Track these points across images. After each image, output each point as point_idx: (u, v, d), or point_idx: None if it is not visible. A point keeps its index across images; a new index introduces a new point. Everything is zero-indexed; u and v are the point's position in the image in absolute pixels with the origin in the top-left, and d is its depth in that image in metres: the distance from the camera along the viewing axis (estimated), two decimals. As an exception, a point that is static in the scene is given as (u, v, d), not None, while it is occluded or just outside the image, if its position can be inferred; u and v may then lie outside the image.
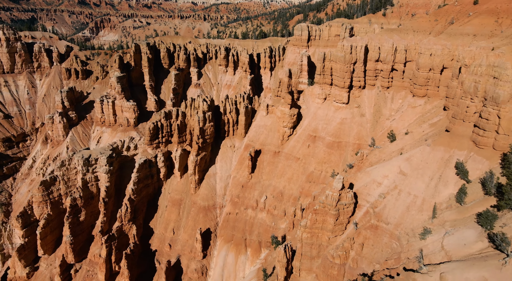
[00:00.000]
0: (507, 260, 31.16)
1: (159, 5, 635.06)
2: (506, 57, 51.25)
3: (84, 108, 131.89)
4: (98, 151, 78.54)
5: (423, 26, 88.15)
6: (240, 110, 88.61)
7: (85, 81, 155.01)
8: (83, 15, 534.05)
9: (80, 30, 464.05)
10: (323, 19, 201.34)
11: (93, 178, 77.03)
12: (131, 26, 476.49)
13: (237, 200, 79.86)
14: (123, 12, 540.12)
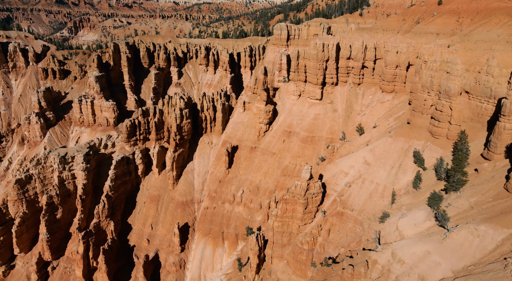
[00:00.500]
0: (447, 234, 34.70)
1: (140, 5, 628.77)
2: (459, 53, 55.51)
3: (62, 108, 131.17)
4: (74, 149, 79.32)
5: (392, 25, 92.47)
6: (217, 107, 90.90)
7: (62, 81, 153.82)
8: (61, 15, 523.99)
9: (58, 30, 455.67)
10: (302, 19, 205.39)
11: (70, 176, 77.75)
12: (111, 25, 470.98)
13: (214, 194, 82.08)
14: (103, 12, 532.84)
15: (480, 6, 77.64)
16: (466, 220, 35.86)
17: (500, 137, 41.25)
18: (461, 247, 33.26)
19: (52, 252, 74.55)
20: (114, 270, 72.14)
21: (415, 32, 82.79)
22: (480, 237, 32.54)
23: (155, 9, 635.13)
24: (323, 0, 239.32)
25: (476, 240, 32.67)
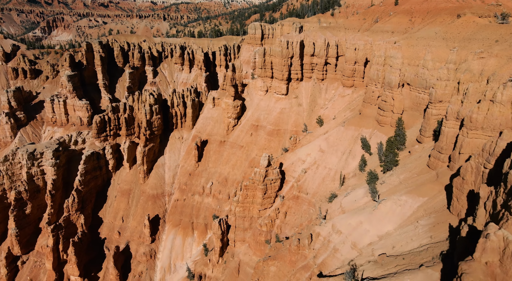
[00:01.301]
0: (376, 206, 39.67)
1: (116, 4, 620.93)
2: (402, 49, 61.33)
3: (33, 108, 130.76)
4: (43, 145, 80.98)
5: (353, 24, 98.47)
6: (187, 103, 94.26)
7: (34, 81, 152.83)
8: (33, 14, 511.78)
9: (31, 30, 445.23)
10: (277, 19, 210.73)
11: (39, 171, 79.36)
12: (86, 25, 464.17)
13: (184, 187, 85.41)
14: (77, 11, 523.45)
15: (430, 6, 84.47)
16: (394, 193, 41.00)
17: (428, 122, 46.81)
18: (386, 215, 38.26)
19: (21, 246, 76.01)
20: (85, 262, 74.32)
21: (373, 30, 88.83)
22: (401, 206, 37.63)
23: (132, 8, 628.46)
24: (297, 1, 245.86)
25: (398, 209, 37.74)
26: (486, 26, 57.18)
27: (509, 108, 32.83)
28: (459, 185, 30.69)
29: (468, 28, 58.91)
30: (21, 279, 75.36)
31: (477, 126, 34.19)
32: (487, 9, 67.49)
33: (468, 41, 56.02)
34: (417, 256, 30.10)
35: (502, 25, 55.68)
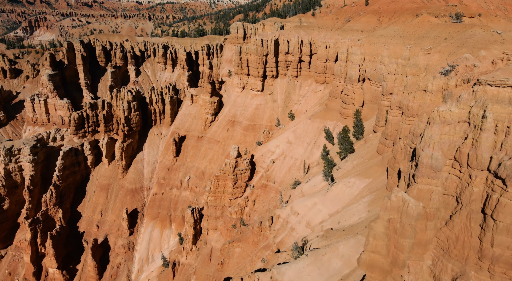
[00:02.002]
0: (329, 188, 43.45)
1: (101, 4, 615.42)
2: (364, 47, 65.52)
3: (13, 108, 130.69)
4: (21, 142, 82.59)
5: (326, 24, 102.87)
6: (166, 100, 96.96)
7: (14, 81, 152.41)
8: (15, 14, 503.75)
9: (12, 30, 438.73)
10: (260, 19, 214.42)
11: (17, 168, 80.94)
12: (70, 25, 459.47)
13: (163, 181, 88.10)
14: (60, 11, 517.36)
15: (397, 7, 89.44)
16: (346, 177, 44.86)
17: (381, 113, 50.93)
18: (337, 196, 42.05)
19: (0, 241, 77.44)
20: (63, 255, 76.29)
21: (344, 29, 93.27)
22: (350, 187, 41.48)
23: (117, 8, 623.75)
24: (281, 1, 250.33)
25: (348, 190, 41.57)
26: (438, 25, 61.81)
27: (439, 97, 36.95)
28: (392, 164, 34.61)
29: (423, 27, 63.48)
30: (0, 272, 76.87)
31: (413, 113, 38.24)
32: (444, 9, 72.49)
33: (421, 38, 60.54)
34: (355, 227, 33.91)
35: (453, 24, 60.38)
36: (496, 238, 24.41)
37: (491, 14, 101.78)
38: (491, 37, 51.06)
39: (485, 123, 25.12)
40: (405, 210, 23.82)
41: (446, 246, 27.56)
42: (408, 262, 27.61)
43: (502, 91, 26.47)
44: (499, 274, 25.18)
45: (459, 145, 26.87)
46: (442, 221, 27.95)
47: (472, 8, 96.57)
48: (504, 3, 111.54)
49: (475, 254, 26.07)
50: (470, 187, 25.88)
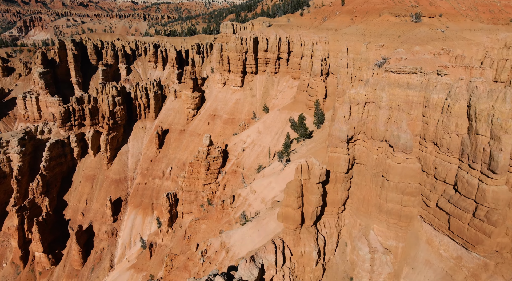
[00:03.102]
0: (282, 169, 48.98)
1: (96, 4, 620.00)
2: (329, 44, 71.22)
3: (5, 105, 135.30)
4: (9, 134, 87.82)
5: (305, 23, 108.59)
6: (150, 95, 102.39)
7: (6, 78, 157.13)
8: (9, 13, 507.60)
9: (7, 29, 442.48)
10: (251, 18, 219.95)
11: (5, 159, 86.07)
12: (64, 25, 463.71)
13: (146, 172, 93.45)
14: (56, 11, 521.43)
15: (369, 7, 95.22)
16: (299, 159, 50.38)
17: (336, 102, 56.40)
18: (288, 175, 47.53)
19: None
20: (49, 241, 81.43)
21: (320, 28, 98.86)
22: (298, 166, 46.93)
23: (113, 8, 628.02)
24: (272, 1, 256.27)
25: (296, 168, 47.02)
26: (395, 24, 67.58)
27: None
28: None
29: (382, 26, 69.22)
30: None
31: (352, 101, 43.80)
32: (406, 9, 78.30)
33: (379, 36, 66.25)
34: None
35: (407, 23, 66.19)
36: (389, 195, 30.12)
37: (462, 14, 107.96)
38: (434, 35, 56.78)
39: (382, 102, 30.70)
40: (312, 171, 29.35)
41: (357, 205, 33.24)
42: (324, 219, 33.21)
43: (402, 77, 32.13)
44: (393, 224, 30.93)
45: (366, 121, 32.44)
46: (355, 185, 33.58)
47: (441, 9, 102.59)
48: (476, 4, 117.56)
49: (376, 210, 31.79)
50: (372, 155, 31.55)
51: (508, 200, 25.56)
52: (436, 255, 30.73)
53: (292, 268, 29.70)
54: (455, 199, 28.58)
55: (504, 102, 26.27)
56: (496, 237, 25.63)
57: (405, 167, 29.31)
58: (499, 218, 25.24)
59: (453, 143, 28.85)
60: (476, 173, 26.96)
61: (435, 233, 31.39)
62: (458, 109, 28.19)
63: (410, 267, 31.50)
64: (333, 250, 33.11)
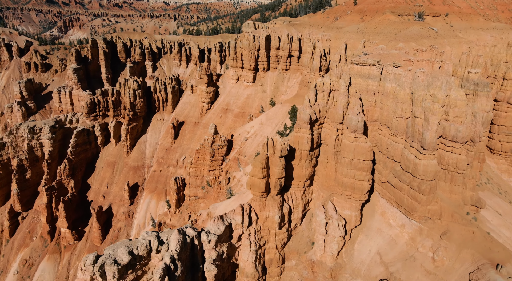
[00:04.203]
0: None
1: (130, 5, 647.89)
2: (331, 41, 75.51)
3: (43, 99, 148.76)
4: (42, 122, 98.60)
5: (317, 22, 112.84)
6: (168, 89, 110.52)
7: (44, 74, 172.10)
8: (51, 14, 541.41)
9: (48, 29, 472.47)
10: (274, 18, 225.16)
11: (38, 144, 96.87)
12: (100, 25, 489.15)
13: (161, 160, 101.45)
14: (93, 11, 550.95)
15: (380, 6, 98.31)
16: (288, 145, 55.40)
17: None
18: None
19: (22, 205, 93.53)
20: (73, 219, 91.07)
21: (329, 26, 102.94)
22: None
23: (146, 9, 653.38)
24: (296, 1, 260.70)
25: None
26: (394, 22, 70.91)
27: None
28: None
29: (382, 25, 72.71)
30: (21, 231, 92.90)
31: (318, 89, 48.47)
32: (410, 9, 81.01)
33: (378, 34, 69.89)
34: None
35: (404, 22, 69.48)
36: (344, 170, 34.99)
37: (479, 13, 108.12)
38: (425, 33, 59.99)
39: (341, 89, 35.60)
40: (276, 147, 34.63)
41: (322, 181, 38.25)
42: (292, 191, 38.41)
43: (364, 68, 36.86)
44: (347, 196, 35.74)
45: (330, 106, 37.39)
46: (321, 163, 38.56)
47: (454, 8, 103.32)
48: (495, 3, 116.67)
49: (335, 184, 36.69)
50: (333, 136, 36.47)
51: (435, 173, 29.74)
52: (386, 224, 35.13)
53: (258, 230, 35.15)
54: (398, 174, 32.94)
55: (440, 90, 30.43)
56: (425, 204, 29.88)
57: (357, 146, 33.90)
58: (427, 187, 29.50)
59: (400, 125, 33.21)
60: (413, 150, 31.26)
61: (388, 206, 35.77)
62: (403, 95, 32.54)
63: (365, 234, 36.07)
64: (299, 218, 38.20)
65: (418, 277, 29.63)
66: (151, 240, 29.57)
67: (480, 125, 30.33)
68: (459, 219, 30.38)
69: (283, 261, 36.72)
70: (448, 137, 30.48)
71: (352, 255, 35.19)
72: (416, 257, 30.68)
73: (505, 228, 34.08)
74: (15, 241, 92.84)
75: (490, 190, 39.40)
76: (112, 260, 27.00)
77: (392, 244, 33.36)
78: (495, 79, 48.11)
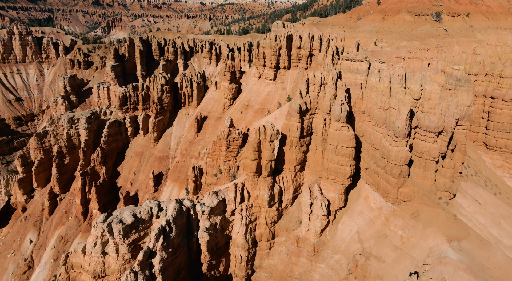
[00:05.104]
0: (276, 143, 58.25)
1: (169, 6, 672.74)
2: (346, 40, 78.05)
3: (84, 93, 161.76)
4: (80, 114, 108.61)
5: (340, 21, 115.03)
6: (194, 85, 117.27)
7: (86, 71, 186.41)
8: (96, 15, 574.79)
9: (93, 29, 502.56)
10: (305, 17, 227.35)
11: (76, 133, 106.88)
12: (139, 25, 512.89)
13: (185, 152, 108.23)
14: (134, 12, 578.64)
15: (402, 6, 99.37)
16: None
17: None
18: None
19: (60, 187, 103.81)
20: (104, 202, 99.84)
21: (350, 26, 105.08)
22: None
23: (183, 9, 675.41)
24: (328, 1, 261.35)
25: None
26: (408, 22, 72.33)
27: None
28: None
29: (396, 24, 74.32)
30: (59, 210, 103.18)
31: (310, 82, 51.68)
32: (429, 8, 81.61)
33: (391, 33, 71.69)
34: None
35: (416, 22, 70.83)
36: (329, 156, 38.64)
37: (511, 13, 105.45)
38: (435, 32, 61.41)
39: (329, 82, 39.21)
40: (267, 132, 38.78)
41: (312, 166, 42.05)
42: (283, 174, 42.43)
43: (353, 64, 40.30)
44: (332, 180, 39.27)
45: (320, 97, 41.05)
46: (312, 150, 42.30)
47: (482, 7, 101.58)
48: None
49: (322, 169, 40.35)
50: (321, 124, 40.14)
51: (406, 158, 32.62)
52: (368, 207, 38.25)
53: (250, 206, 39.52)
54: (377, 160, 35.99)
55: (416, 83, 33.23)
56: (396, 187, 32.86)
57: (341, 134, 37.28)
58: (397, 171, 32.49)
59: (380, 116, 36.25)
60: (389, 138, 34.26)
61: (370, 191, 38.83)
62: (383, 88, 35.57)
63: (348, 216, 39.38)
64: (290, 199, 42.12)
65: (387, 252, 32.60)
66: (152, 207, 34.85)
67: (452, 117, 32.65)
68: (428, 201, 32.92)
69: (273, 237, 40.79)
70: (423, 127, 33.18)
71: (335, 234, 38.60)
72: (388, 234, 33.64)
73: (481, 215, 35.83)
74: (53, 219, 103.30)
75: (476, 182, 40.88)
76: (118, 220, 32.50)
77: (370, 224, 36.44)
78: (492, 77, 48.81)
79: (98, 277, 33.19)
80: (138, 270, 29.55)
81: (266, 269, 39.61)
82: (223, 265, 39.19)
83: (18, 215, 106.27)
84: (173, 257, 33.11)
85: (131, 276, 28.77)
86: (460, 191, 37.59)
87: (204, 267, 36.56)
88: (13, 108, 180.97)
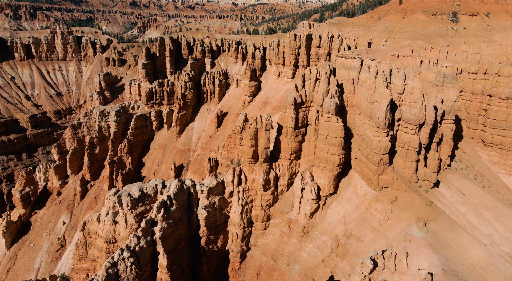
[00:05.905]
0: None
1: (202, 6, 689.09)
2: (359, 39, 79.95)
3: (117, 90, 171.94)
4: (110, 107, 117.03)
5: (360, 21, 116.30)
6: (216, 83, 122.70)
7: (120, 68, 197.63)
8: (133, 16, 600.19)
9: (130, 29, 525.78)
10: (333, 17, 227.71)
11: (106, 125, 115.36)
12: (173, 25, 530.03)
13: (205, 146, 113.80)
14: (168, 13, 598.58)
15: (422, 5, 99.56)
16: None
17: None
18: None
19: (91, 175, 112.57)
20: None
21: (369, 25, 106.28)
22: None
23: (215, 10, 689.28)
24: (358, 0, 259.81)
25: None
26: (421, 22, 73.23)
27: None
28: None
29: (410, 24, 75.38)
30: (89, 196, 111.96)
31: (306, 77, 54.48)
32: (445, 8, 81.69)
33: (403, 32, 72.98)
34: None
35: (428, 22, 71.71)
36: (320, 145, 41.93)
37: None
38: (443, 32, 62.41)
39: (322, 77, 42.46)
40: (262, 122, 42.47)
41: (306, 155, 45.45)
42: (279, 162, 46.04)
43: (347, 61, 43.34)
44: (322, 167, 42.49)
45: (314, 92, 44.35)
46: (307, 141, 45.64)
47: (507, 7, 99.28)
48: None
49: (314, 157, 43.61)
50: (314, 116, 43.44)
51: (386, 147, 35.26)
52: (355, 194, 41.07)
53: (246, 189, 43.46)
54: (362, 149, 38.77)
55: (399, 79, 35.80)
56: (376, 173, 35.60)
57: (331, 124, 40.31)
58: (377, 158, 35.25)
59: (367, 109, 38.99)
60: (372, 129, 36.99)
61: (359, 179, 41.61)
62: (369, 83, 38.32)
63: (337, 202, 42.37)
64: (285, 185, 45.63)
65: (365, 232, 35.37)
66: (157, 184, 39.67)
67: (432, 111, 34.80)
68: (405, 188, 35.28)
69: (269, 219, 44.51)
70: (405, 119, 35.65)
71: (324, 218, 41.71)
72: (368, 217, 36.38)
73: (462, 205, 37.41)
74: (84, 204, 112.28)
75: (464, 175, 42.21)
76: (127, 193, 37.54)
77: (355, 209, 39.28)
78: (490, 75, 49.23)
79: (110, 243, 38.43)
80: (140, 235, 34.30)
81: (260, 247, 43.37)
82: (221, 241, 43.34)
83: (54, 198, 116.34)
84: (174, 228, 37.66)
85: (134, 240, 33.58)
86: (444, 182, 39.28)
87: (202, 240, 40.92)
88: (54, 102, 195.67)
